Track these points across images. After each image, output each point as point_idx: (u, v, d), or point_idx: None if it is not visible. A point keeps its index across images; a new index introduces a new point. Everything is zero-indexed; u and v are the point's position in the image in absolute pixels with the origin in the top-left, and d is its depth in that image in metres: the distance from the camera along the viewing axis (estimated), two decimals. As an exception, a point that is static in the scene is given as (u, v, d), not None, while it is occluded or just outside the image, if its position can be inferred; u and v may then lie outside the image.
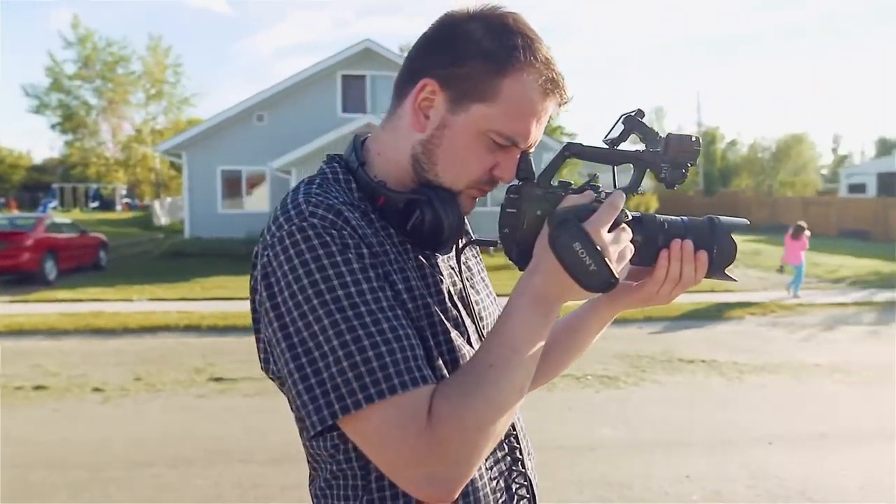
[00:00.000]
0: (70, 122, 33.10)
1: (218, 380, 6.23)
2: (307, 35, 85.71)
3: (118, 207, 39.75)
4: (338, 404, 0.79)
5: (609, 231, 0.85)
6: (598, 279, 0.82)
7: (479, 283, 1.08)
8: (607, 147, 0.95)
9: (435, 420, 0.79)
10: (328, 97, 17.93)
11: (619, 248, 0.86)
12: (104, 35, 35.46)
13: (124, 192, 41.74)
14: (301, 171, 16.20)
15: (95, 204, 39.83)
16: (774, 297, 10.98)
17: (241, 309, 9.76)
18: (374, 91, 18.01)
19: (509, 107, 0.89)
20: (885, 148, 47.50)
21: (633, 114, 0.96)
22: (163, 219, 29.28)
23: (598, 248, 0.82)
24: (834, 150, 52.47)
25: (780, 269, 12.24)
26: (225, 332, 8.49)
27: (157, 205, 31.04)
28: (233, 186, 18.20)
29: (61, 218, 16.34)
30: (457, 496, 0.83)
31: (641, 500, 3.76)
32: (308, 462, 0.98)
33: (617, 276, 0.83)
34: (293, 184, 16.17)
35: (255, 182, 18.53)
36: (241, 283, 12.41)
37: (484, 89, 0.89)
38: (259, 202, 18.41)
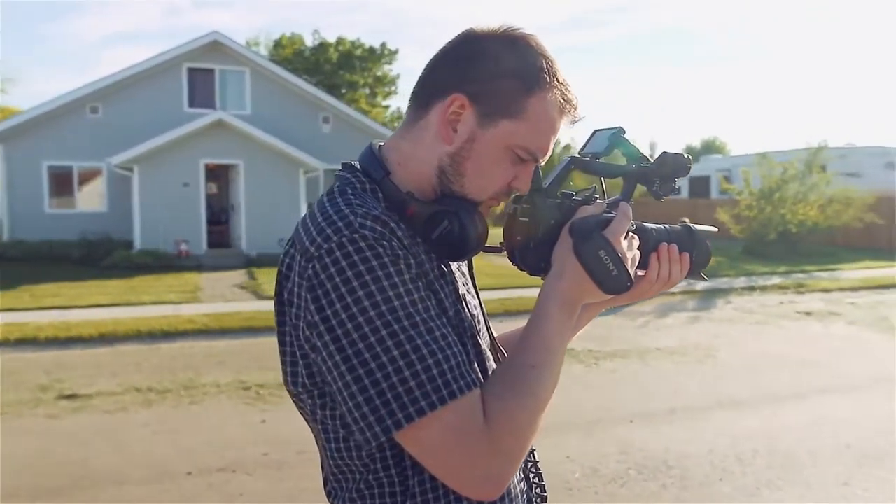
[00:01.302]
0: None
1: (70, 397, 5.72)
2: (135, 21, 78.65)
3: None
4: (401, 413, 0.81)
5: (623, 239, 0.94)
6: (617, 283, 0.92)
7: (471, 287, 1.14)
8: (606, 162, 1.05)
9: (490, 420, 0.83)
10: (173, 90, 16.87)
11: (632, 254, 0.97)
12: None
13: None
14: (145, 168, 15.14)
15: None
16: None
17: (85, 318, 8.96)
18: (224, 86, 17.21)
19: (534, 124, 0.94)
20: (692, 155, 53.67)
21: (615, 131, 1.07)
22: (-30, 220, 25.99)
23: (620, 255, 0.91)
24: (651, 156, 58.32)
25: None
26: (69, 345, 7.77)
27: (-38, 204, 27.45)
28: (62, 183, 16.51)
29: None
30: None
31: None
32: (332, 475, 0.97)
33: (633, 279, 0.94)
34: (136, 181, 15.18)
35: (88, 179, 16.98)
36: (80, 290, 11.37)
37: (513, 106, 0.93)
38: (94, 201, 16.90)
